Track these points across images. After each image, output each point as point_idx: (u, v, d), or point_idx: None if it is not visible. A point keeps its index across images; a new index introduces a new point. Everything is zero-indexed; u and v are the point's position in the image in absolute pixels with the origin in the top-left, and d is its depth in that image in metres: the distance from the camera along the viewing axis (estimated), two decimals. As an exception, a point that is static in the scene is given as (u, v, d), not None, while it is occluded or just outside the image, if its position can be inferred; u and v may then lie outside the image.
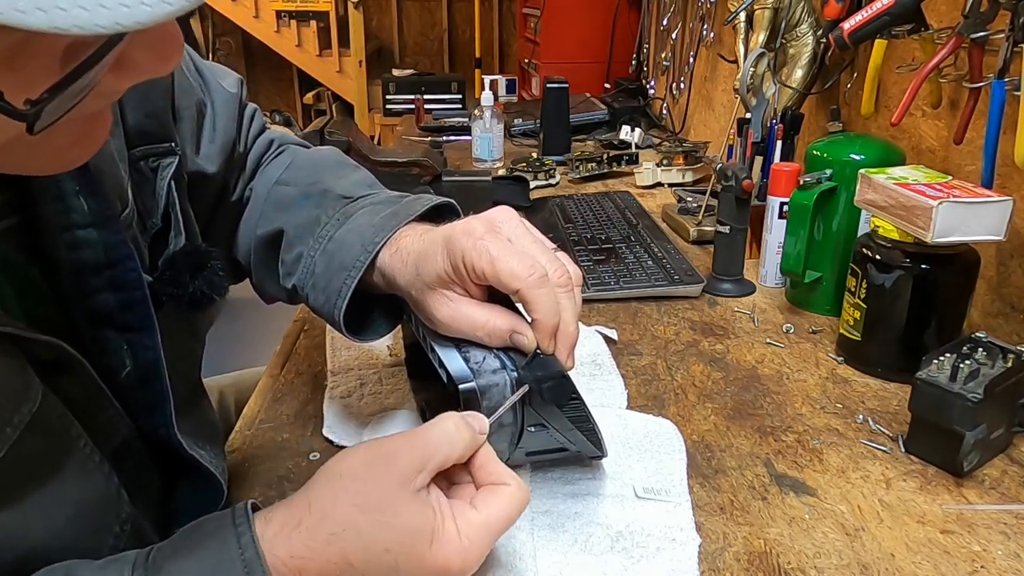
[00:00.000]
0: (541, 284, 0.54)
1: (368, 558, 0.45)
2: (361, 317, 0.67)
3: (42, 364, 0.47)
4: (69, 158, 0.44)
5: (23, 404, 0.44)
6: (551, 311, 0.54)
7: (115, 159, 0.56)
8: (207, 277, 0.60)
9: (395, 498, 0.46)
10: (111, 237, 0.52)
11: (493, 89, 2.47)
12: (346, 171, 0.76)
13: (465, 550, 0.46)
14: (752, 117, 1.17)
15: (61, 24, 0.28)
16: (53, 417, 0.47)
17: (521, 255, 0.54)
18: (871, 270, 0.83)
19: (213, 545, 0.44)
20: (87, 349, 0.51)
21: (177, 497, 0.62)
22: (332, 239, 0.65)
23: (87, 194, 0.51)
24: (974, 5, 0.88)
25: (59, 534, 0.45)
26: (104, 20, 0.28)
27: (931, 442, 0.69)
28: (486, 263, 0.53)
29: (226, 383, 1.04)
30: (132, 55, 0.37)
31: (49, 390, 0.47)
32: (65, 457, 0.47)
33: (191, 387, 0.68)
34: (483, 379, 0.54)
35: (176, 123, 0.65)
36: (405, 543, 0.45)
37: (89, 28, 0.28)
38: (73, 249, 0.51)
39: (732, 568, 0.57)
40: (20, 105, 0.33)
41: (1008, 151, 0.87)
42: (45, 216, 0.50)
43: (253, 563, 0.43)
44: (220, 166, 0.71)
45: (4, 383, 0.43)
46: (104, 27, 0.28)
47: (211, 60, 3.66)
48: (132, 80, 0.39)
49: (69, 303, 0.52)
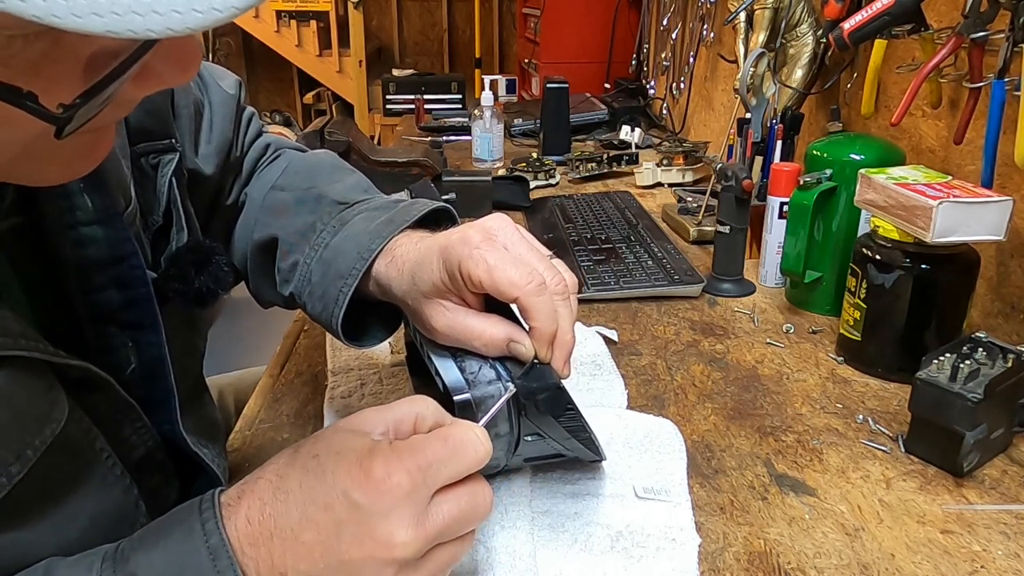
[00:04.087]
0: (539, 292, 0.53)
1: (296, 467, 0.44)
2: (359, 323, 0.66)
3: (71, 381, 0.47)
4: (73, 170, 0.44)
5: (46, 426, 0.44)
6: (549, 318, 0.54)
7: (118, 156, 0.56)
8: (212, 272, 0.60)
9: (341, 429, 0.47)
10: (115, 234, 0.52)
11: (493, 89, 2.47)
12: (342, 175, 0.75)
13: (390, 455, 0.43)
14: (752, 117, 1.17)
15: (94, 28, 0.28)
16: (78, 434, 0.47)
17: (518, 263, 0.54)
18: (871, 270, 0.83)
19: (178, 534, 0.43)
20: (91, 347, 0.51)
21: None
22: (328, 247, 0.65)
23: (91, 191, 0.51)
24: (974, 5, 0.88)
25: (70, 549, 0.45)
26: (137, 26, 0.28)
27: (931, 442, 0.69)
28: (483, 272, 0.53)
29: (226, 383, 1.04)
30: (154, 64, 0.37)
31: (76, 406, 0.47)
32: (87, 472, 0.48)
33: (194, 384, 0.68)
34: (478, 390, 0.54)
35: (175, 121, 0.65)
36: (334, 449, 0.44)
37: (122, 33, 0.28)
38: (78, 246, 0.51)
39: (732, 568, 0.57)
40: (54, 109, 0.33)
41: (1008, 151, 0.87)
42: (50, 214, 0.50)
43: (218, 549, 0.42)
44: (216, 168, 0.71)
45: (28, 407, 0.43)
46: (136, 32, 0.29)
47: (211, 60, 3.67)
48: (152, 89, 0.39)
49: (73, 301, 0.52)
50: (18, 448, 0.42)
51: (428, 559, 0.44)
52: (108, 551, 0.44)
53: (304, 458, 0.45)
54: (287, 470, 0.45)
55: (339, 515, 0.42)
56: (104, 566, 0.43)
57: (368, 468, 0.43)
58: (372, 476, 0.42)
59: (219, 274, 0.60)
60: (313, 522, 0.43)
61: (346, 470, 0.43)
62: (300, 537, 0.42)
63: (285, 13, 4.12)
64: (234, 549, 0.42)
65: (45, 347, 0.44)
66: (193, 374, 0.68)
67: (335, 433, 0.46)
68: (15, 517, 0.43)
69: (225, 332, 2.79)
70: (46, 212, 0.50)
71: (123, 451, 0.52)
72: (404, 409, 0.48)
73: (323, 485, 0.43)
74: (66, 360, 0.46)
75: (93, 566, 0.43)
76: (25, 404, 0.43)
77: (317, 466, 0.44)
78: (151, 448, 0.55)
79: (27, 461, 0.42)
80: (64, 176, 0.45)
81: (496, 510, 0.60)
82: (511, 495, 0.62)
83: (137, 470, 0.53)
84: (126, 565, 0.42)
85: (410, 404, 0.48)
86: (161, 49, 0.36)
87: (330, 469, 0.43)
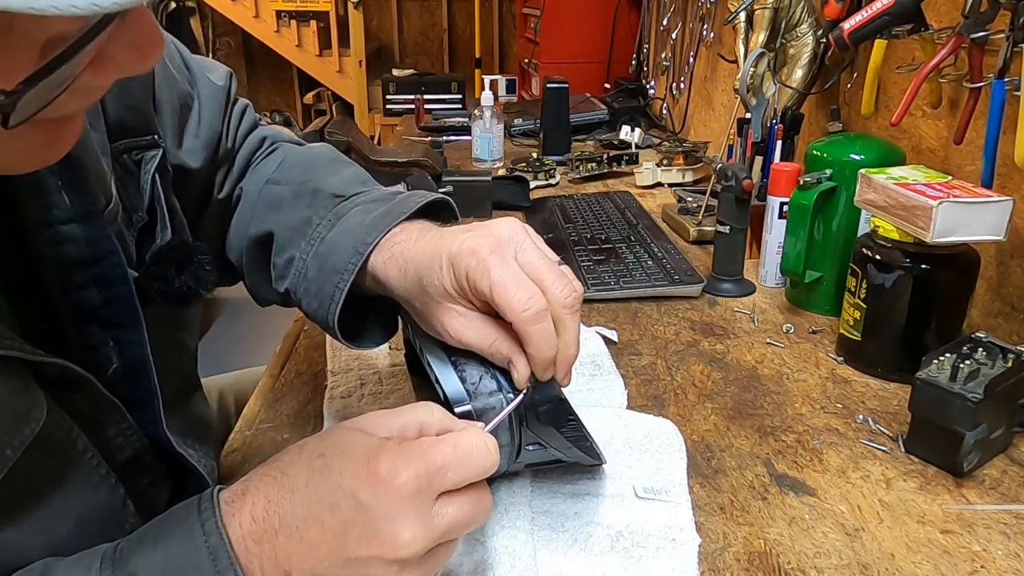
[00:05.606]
0: (536, 320, 0.52)
1: (302, 465, 0.44)
2: (357, 322, 0.65)
3: (50, 380, 0.47)
4: (36, 159, 0.43)
5: (25, 426, 0.44)
6: (546, 345, 0.53)
7: (97, 153, 0.55)
8: (193, 271, 0.59)
9: (347, 428, 0.46)
10: (95, 232, 0.51)
11: (493, 89, 2.47)
12: (338, 168, 0.74)
13: (396, 456, 0.43)
14: (752, 117, 1.17)
15: (37, 5, 0.27)
16: (58, 434, 0.47)
17: (521, 284, 0.53)
18: (871, 270, 0.83)
19: (178, 534, 0.43)
20: (72, 346, 0.51)
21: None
22: (324, 241, 0.64)
23: (69, 189, 0.50)
24: (974, 5, 0.88)
25: (59, 548, 0.45)
26: (81, 2, 0.28)
27: (931, 442, 0.69)
28: (486, 287, 0.52)
29: (226, 383, 1.04)
30: (111, 52, 0.36)
31: (57, 406, 0.47)
32: (69, 471, 0.47)
33: (181, 382, 0.67)
34: (479, 401, 0.54)
35: (157, 115, 0.64)
36: (340, 449, 0.44)
37: (65, 9, 0.28)
38: (56, 245, 0.50)
39: (732, 568, 0.57)
40: None
41: (1008, 151, 0.87)
42: (26, 212, 0.49)
43: (218, 549, 0.42)
44: (204, 161, 0.70)
45: (5, 406, 0.43)
46: (81, 8, 0.28)
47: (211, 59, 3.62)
48: (111, 78, 0.39)
49: (53, 300, 0.51)
50: None
51: (427, 556, 0.44)
52: (107, 551, 0.44)
53: (310, 456, 0.45)
54: (292, 468, 0.45)
55: (345, 515, 0.42)
56: (103, 566, 0.43)
57: (375, 468, 0.42)
58: (378, 475, 0.42)
59: (200, 273, 0.59)
60: (319, 521, 0.42)
61: (353, 469, 0.43)
62: (305, 535, 0.42)
63: (285, 13, 4.11)
64: (237, 546, 0.42)
65: (21, 345, 0.44)
66: (182, 373, 0.67)
67: (340, 432, 0.46)
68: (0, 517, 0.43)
69: (225, 332, 2.79)
70: (23, 210, 0.49)
71: (108, 451, 0.51)
72: (409, 416, 0.48)
73: (329, 484, 0.43)
74: (43, 358, 0.45)
75: (92, 566, 0.43)
76: (2, 403, 0.43)
77: (323, 465, 0.44)
78: (138, 450, 0.55)
79: (7, 461, 0.42)
80: (28, 165, 0.43)
81: (496, 510, 0.60)
82: (511, 495, 0.62)
83: (124, 471, 0.52)
84: (125, 565, 0.42)
85: (415, 411, 0.48)
86: (118, 36, 0.35)
87: (336, 468, 0.43)
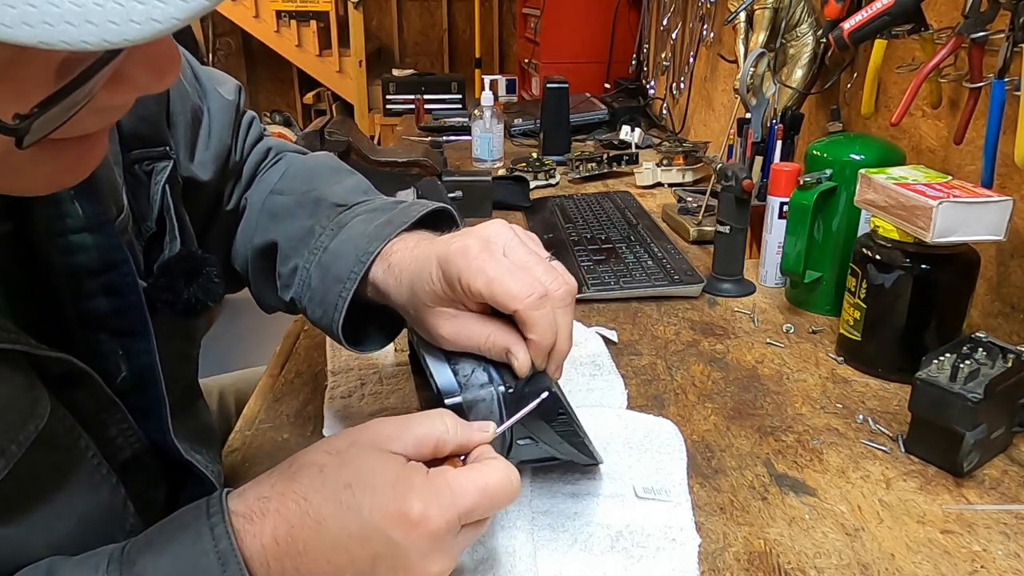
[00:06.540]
0: (539, 305, 0.53)
1: (327, 494, 0.44)
2: (361, 327, 0.66)
3: (53, 378, 0.47)
4: (58, 182, 0.43)
5: (29, 422, 0.44)
6: (549, 331, 0.54)
7: (110, 163, 0.56)
8: (202, 284, 0.59)
9: (365, 448, 0.46)
10: (106, 241, 0.52)
11: (493, 89, 2.47)
12: (341, 177, 0.75)
13: (428, 497, 0.44)
14: (752, 117, 1.17)
15: (47, 39, 0.28)
16: (61, 431, 0.47)
17: (518, 274, 0.54)
18: (871, 270, 0.83)
19: (187, 538, 0.43)
20: (81, 355, 0.51)
21: (180, 507, 0.62)
22: (327, 250, 0.65)
23: (82, 198, 0.50)
24: (974, 5, 0.88)
25: (61, 547, 0.45)
26: (91, 37, 0.28)
27: (931, 442, 0.69)
28: (482, 284, 0.53)
29: (226, 383, 1.04)
30: (128, 71, 0.36)
31: (60, 403, 0.47)
32: (72, 470, 0.47)
33: (186, 391, 0.67)
34: (470, 393, 0.55)
35: (170, 128, 0.65)
36: (366, 481, 0.44)
37: (75, 44, 0.28)
38: (67, 254, 0.50)
39: (732, 568, 0.57)
40: (9, 120, 0.32)
41: (1008, 151, 0.87)
42: (38, 220, 0.49)
43: (227, 555, 0.42)
44: (214, 174, 0.71)
45: (11, 402, 0.43)
46: (91, 43, 0.28)
47: (211, 60, 3.63)
48: (129, 96, 0.39)
49: (63, 308, 0.52)
50: (2, 443, 0.42)
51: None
52: (113, 552, 0.44)
53: (335, 486, 0.45)
54: (315, 496, 0.44)
55: (376, 549, 0.43)
56: (110, 568, 0.43)
57: (405, 510, 0.43)
58: (410, 518, 0.43)
59: (209, 285, 0.60)
60: (347, 550, 0.44)
61: (383, 508, 0.43)
62: (333, 560, 0.43)
63: (285, 13, 4.11)
64: (258, 562, 0.43)
65: (27, 339, 0.44)
66: (185, 381, 0.68)
67: (360, 452, 0.46)
68: (2, 513, 0.43)
69: (225, 332, 2.79)
70: (35, 219, 0.49)
71: (109, 451, 0.52)
72: (425, 429, 0.48)
73: (359, 521, 0.44)
74: (47, 352, 0.45)
75: (99, 567, 0.43)
76: (7, 399, 0.43)
77: (352, 500, 0.44)
78: (137, 451, 0.55)
79: (12, 456, 0.42)
80: (50, 187, 0.44)
81: (496, 510, 0.60)
82: (511, 495, 0.62)
83: (124, 471, 0.53)
84: (132, 567, 0.43)
85: (430, 423, 0.48)
86: (135, 56, 0.35)
87: (366, 505, 0.44)
